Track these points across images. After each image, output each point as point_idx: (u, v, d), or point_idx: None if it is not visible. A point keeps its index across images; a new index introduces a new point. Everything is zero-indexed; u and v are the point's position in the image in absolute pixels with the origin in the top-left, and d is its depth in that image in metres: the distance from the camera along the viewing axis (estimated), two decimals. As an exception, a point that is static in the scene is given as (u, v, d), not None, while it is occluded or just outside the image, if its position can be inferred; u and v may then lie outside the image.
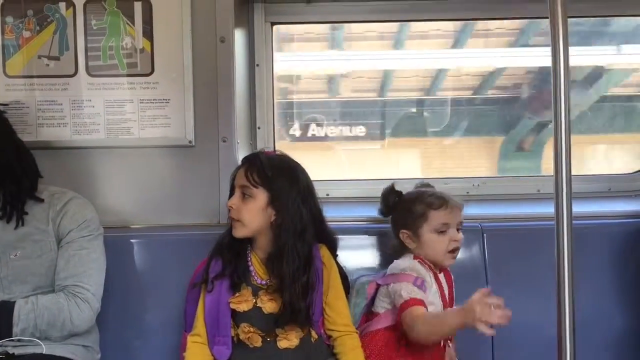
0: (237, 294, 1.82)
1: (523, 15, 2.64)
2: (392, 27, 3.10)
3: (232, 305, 1.81)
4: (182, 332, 1.96)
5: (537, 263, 1.65)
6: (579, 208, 1.52)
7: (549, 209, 1.49)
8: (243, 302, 1.81)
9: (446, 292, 1.92)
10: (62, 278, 1.86)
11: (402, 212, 1.97)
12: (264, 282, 1.82)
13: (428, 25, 3.08)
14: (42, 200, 1.91)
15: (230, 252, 1.84)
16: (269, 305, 1.80)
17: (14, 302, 1.79)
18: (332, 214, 2.18)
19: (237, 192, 1.81)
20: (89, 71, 2.23)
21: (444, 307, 1.90)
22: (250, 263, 1.84)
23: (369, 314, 1.96)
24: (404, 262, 1.92)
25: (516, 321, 1.82)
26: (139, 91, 2.24)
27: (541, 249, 1.78)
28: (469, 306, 1.59)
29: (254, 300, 1.81)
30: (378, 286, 1.94)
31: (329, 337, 1.87)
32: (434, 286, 1.89)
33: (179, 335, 2.02)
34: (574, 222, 1.45)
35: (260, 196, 1.78)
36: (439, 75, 3.42)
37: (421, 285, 1.83)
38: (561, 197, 1.44)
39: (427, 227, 1.90)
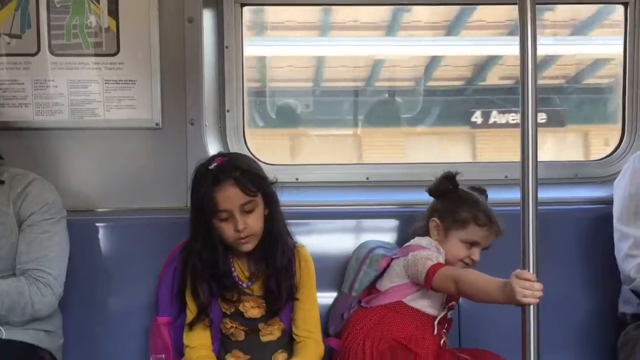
0: (225, 294, 1.80)
1: (492, 2, 2.64)
2: (370, 16, 3.08)
3: (220, 303, 1.80)
4: (152, 317, 1.94)
5: (503, 247, 1.67)
6: (545, 194, 1.54)
7: (516, 195, 1.50)
8: (230, 304, 1.80)
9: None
10: (23, 262, 1.82)
11: (447, 205, 1.95)
12: (246, 284, 1.80)
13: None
14: (2, 182, 1.86)
15: (211, 267, 1.77)
16: (251, 312, 1.79)
17: (-26, 286, 1.75)
18: (301, 199, 2.18)
19: (237, 213, 1.70)
20: (52, 50, 2.18)
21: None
22: (233, 268, 1.81)
23: (371, 288, 1.96)
24: (427, 240, 1.93)
25: (482, 307, 1.85)
26: (104, 71, 2.19)
27: (507, 234, 1.81)
28: (511, 287, 1.54)
29: (237, 305, 1.79)
30: (390, 262, 1.93)
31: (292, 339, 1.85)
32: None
33: (146, 320, 2.01)
34: (539, 207, 1.47)
35: (260, 202, 1.75)
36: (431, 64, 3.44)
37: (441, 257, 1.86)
38: (527, 183, 1.47)
39: (461, 234, 1.91)
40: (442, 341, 1.89)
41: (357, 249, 2.07)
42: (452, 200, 1.95)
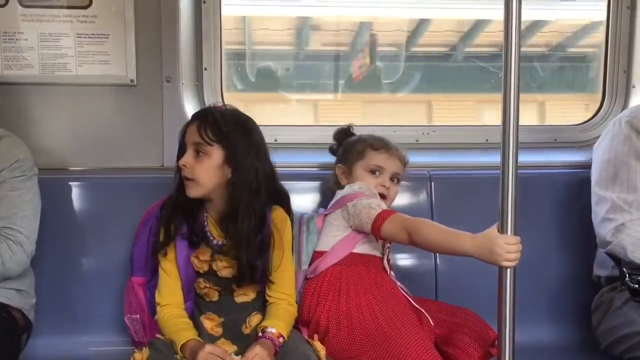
0: (197, 251, 1.77)
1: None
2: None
3: (192, 260, 1.77)
4: (127, 277, 1.92)
5: (482, 210, 1.66)
6: (524, 158, 1.53)
7: (496, 158, 1.49)
8: (203, 262, 1.77)
9: None
10: (-7, 220, 1.78)
11: (344, 148, 2.00)
12: (219, 242, 1.77)
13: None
14: (-31, 139, 1.80)
15: (184, 212, 1.76)
16: (224, 271, 1.76)
17: (-59, 245, 1.71)
18: (280, 160, 2.14)
19: (190, 150, 1.71)
20: (20, 1, 2.10)
21: None
22: (206, 223, 1.78)
23: (313, 255, 1.88)
24: (357, 185, 1.90)
25: (460, 266, 1.86)
26: (75, 24, 2.12)
27: (487, 197, 1.79)
28: (489, 243, 1.51)
29: (210, 264, 1.77)
30: (325, 219, 1.89)
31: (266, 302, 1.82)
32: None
33: (120, 280, 1.98)
34: (519, 171, 1.46)
35: (216, 153, 1.71)
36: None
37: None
38: (508, 147, 1.46)
39: (362, 164, 1.93)
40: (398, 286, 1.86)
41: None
42: (347, 143, 2.01)
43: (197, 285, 1.80)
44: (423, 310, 1.79)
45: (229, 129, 1.71)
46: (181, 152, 1.75)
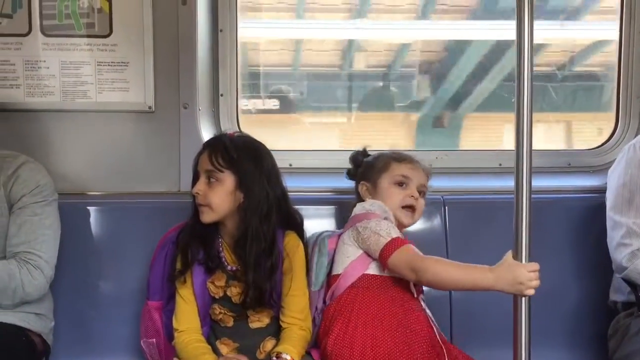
0: (213, 277, 1.80)
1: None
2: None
3: (208, 286, 1.80)
4: (144, 301, 1.93)
5: (496, 236, 1.66)
6: (538, 182, 1.53)
7: (509, 183, 1.50)
8: (218, 288, 1.80)
9: None
10: (14, 244, 1.81)
11: (365, 166, 1.96)
12: (233, 268, 1.80)
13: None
14: (-8, 165, 1.85)
15: (200, 238, 1.79)
16: (238, 297, 1.78)
17: (-36, 269, 1.74)
18: (294, 185, 2.16)
19: (202, 177, 1.76)
20: (43, 30, 2.15)
21: None
22: (221, 249, 1.81)
23: (329, 279, 1.84)
24: (369, 202, 1.86)
25: (474, 292, 1.84)
26: (96, 53, 2.17)
27: (501, 222, 1.80)
28: (510, 274, 1.49)
29: (225, 290, 1.79)
30: (338, 240, 1.84)
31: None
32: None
33: (137, 304, 2.00)
34: (533, 196, 1.47)
35: (228, 179, 1.75)
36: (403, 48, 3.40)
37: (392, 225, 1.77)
38: (521, 172, 1.46)
39: (387, 177, 1.87)
40: (428, 315, 1.77)
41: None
42: (367, 161, 1.97)
43: (212, 311, 1.82)
44: (444, 350, 1.70)
45: (239, 155, 1.75)
46: (195, 179, 1.79)
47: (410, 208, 1.87)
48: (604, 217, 2.03)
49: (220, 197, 1.74)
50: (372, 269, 1.79)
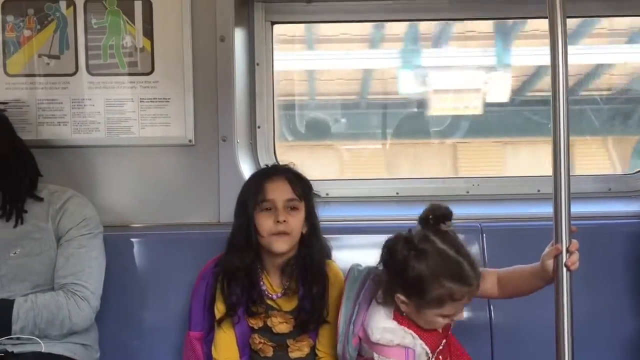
0: (252, 307, 1.83)
1: (522, 15, 2.63)
2: (395, 26, 3.07)
3: (247, 318, 1.83)
4: (185, 331, 1.96)
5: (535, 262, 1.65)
6: (578, 208, 1.52)
7: (548, 209, 1.49)
8: (257, 319, 1.82)
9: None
10: (61, 276, 1.86)
11: (410, 278, 1.56)
12: (276, 295, 1.82)
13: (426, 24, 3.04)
14: (41, 199, 1.91)
15: (242, 275, 1.80)
16: (280, 327, 1.80)
17: (13, 300, 1.79)
18: (331, 214, 2.18)
19: (282, 206, 1.77)
20: (89, 70, 2.24)
21: (432, 349, 1.66)
22: (262, 282, 1.84)
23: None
24: (385, 327, 1.62)
25: (515, 321, 1.82)
26: (139, 90, 2.24)
27: (540, 249, 1.78)
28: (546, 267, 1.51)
29: (265, 320, 1.81)
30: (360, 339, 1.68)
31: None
32: (418, 341, 1.64)
33: (179, 334, 2.03)
34: (573, 222, 1.45)
35: (302, 209, 1.81)
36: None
37: (413, 357, 1.61)
38: (560, 198, 1.45)
39: (435, 311, 1.58)
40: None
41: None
42: (416, 276, 1.55)
43: (252, 341, 1.83)
44: None
45: (308, 186, 1.83)
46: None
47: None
48: (647, 243, 2.00)
49: (298, 225, 1.79)
50: None
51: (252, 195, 1.80)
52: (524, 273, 1.66)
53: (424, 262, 1.56)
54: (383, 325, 1.62)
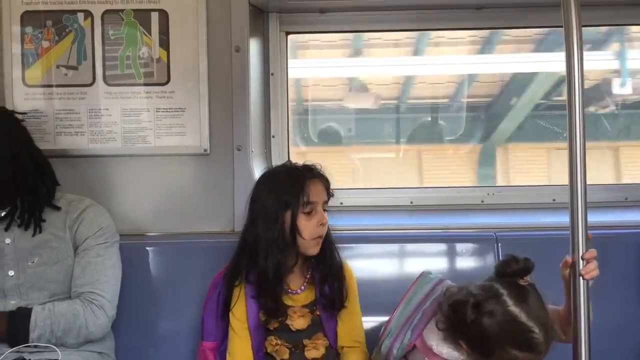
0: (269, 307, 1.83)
1: (538, 24, 2.63)
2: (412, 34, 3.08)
3: (260, 317, 1.83)
4: (199, 340, 1.96)
5: (552, 273, 1.63)
6: (594, 218, 1.51)
7: (564, 219, 1.48)
8: (275, 319, 1.83)
9: None
10: (79, 285, 1.88)
11: (476, 340, 1.55)
12: (297, 291, 1.85)
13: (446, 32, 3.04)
14: (59, 208, 1.93)
15: (268, 287, 1.80)
16: (297, 322, 1.81)
17: (31, 308, 1.81)
18: (345, 223, 2.19)
19: (322, 208, 1.81)
20: (106, 80, 2.26)
21: None
22: (285, 285, 1.85)
23: None
24: (447, 352, 1.60)
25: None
26: (155, 100, 2.26)
27: (557, 260, 1.77)
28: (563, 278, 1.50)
29: (283, 320, 1.82)
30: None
31: (338, 353, 1.86)
32: None
33: (194, 343, 2.03)
34: (589, 232, 1.44)
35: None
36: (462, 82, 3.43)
37: None
38: (576, 207, 1.44)
39: None
40: None
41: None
42: (481, 335, 1.52)
43: (268, 343, 1.83)
44: None
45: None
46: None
47: None
48: (665, 253, 1.97)
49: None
50: None
51: (293, 194, 1.77)
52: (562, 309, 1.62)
53: (491, 325, 1.52)
54: (446, 350, 1.61)
